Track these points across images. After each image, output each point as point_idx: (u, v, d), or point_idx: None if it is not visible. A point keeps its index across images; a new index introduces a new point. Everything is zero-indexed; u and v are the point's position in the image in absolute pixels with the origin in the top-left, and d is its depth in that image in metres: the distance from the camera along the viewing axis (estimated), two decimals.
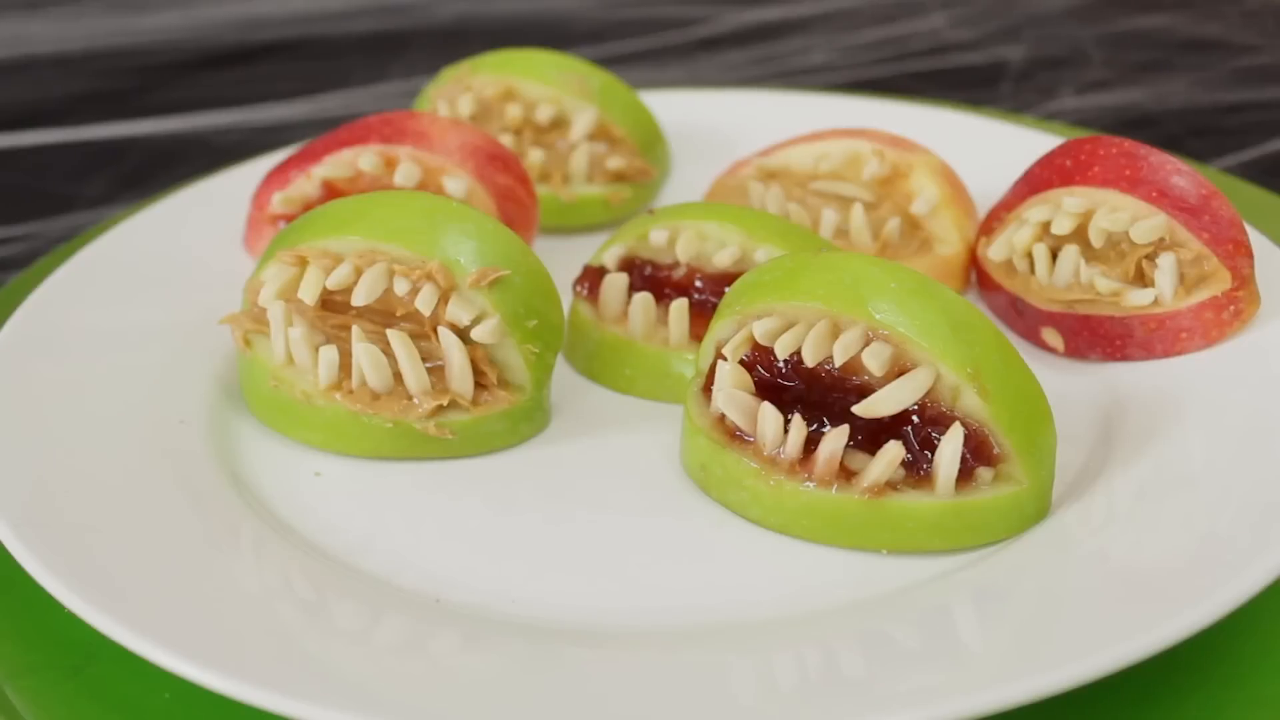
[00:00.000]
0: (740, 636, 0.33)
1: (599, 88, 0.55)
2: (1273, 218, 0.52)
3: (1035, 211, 0.45)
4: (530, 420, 0.42)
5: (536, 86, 0.55)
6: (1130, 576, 0.33)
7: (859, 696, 0.30)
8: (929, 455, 0.36)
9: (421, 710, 0.29)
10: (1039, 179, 0.46)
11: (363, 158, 0.48)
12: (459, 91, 0.56)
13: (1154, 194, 0.43)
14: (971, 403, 0.35)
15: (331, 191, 0.49)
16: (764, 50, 0.85)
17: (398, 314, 0.41)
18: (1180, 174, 0.43)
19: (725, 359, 0.38)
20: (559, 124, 0.55)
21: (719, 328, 0.39)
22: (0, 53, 0.87)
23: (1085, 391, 0.43)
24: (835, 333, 0.37)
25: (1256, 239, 0.45)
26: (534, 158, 0.54)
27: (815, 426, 0.37)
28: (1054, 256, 0.45)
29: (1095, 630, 0.30)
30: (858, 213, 0.48)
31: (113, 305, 0.47)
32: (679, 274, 0.44)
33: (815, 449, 0.36)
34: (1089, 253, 0.44)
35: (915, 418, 0.36)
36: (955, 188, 0.50)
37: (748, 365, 0.38)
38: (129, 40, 0.89)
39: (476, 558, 0.37)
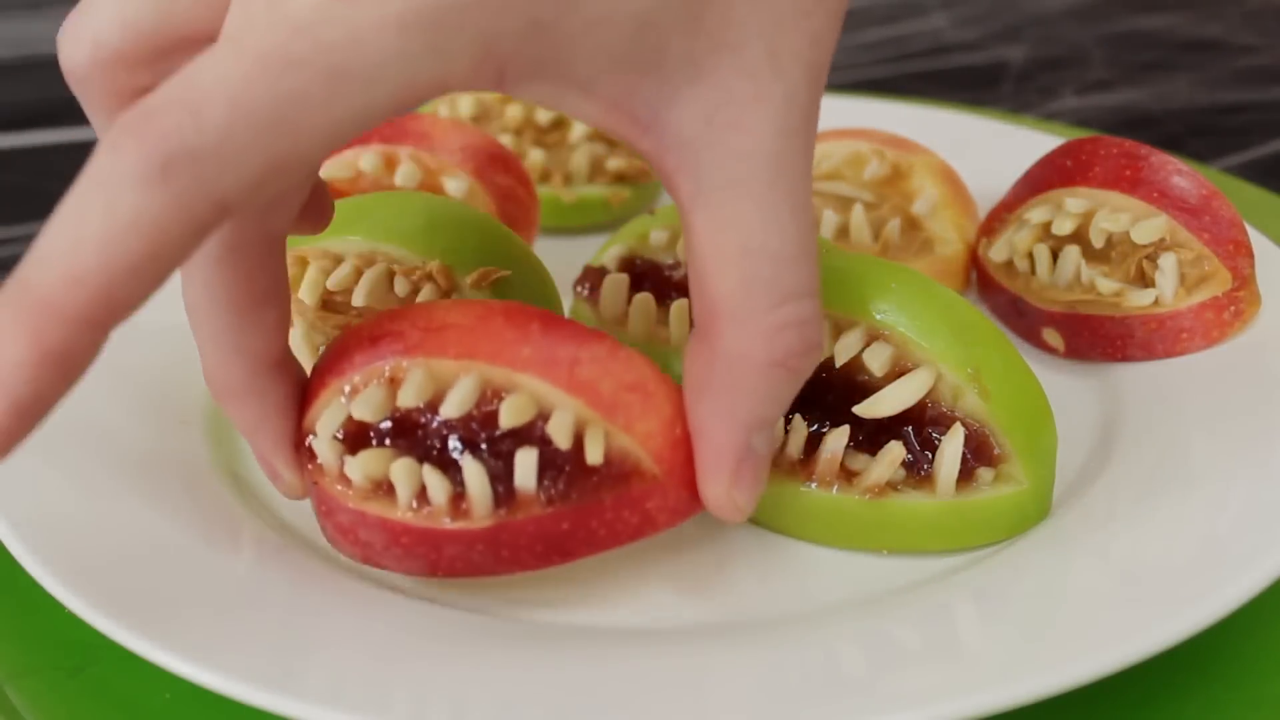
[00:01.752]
0: (740, 636, 0.33)
1: None
2: (1273, 218, 0.52)
3: (1036, 212, 0.45)
4: None
5: None
6: (1130, 576, 0.33)
7: (860, 696, 0.29)
8: (930, 456, 0.36)
9: (421, 710, 0.29)
10: (1040, 179, 0.46)
11: (363, 158, 0.48)
12: (459, 92, 0.56)
13: (1155, 194, 0.43)
14: (972, 403, 0.35)
15: (332, 192, 0.49)
16: None
17: None
18: (1181, 174, 0.43)
19: None
20: (559, 124, 0.55)
21: None
22: (1, 53, 0.87)
23: (1085, 391, 0.43)
24: (836, 333, 0.37)
25: (1257, 239, 0.45)
26: (534, 158, 0.54)
27: (816, 427, 0.37)
28: (1055, 257, 0.45)
29: (1095, 630, 0.30)
30: (858, 213, 0.48)
31: None
32: (679, 274, 0.44)
33: (816, 450, 0.36)
34: (1090, 253, 0.44)
35: (916, 418, 0.36)
36: (955, 188, 0.49)
37: None
38: None
39: None
